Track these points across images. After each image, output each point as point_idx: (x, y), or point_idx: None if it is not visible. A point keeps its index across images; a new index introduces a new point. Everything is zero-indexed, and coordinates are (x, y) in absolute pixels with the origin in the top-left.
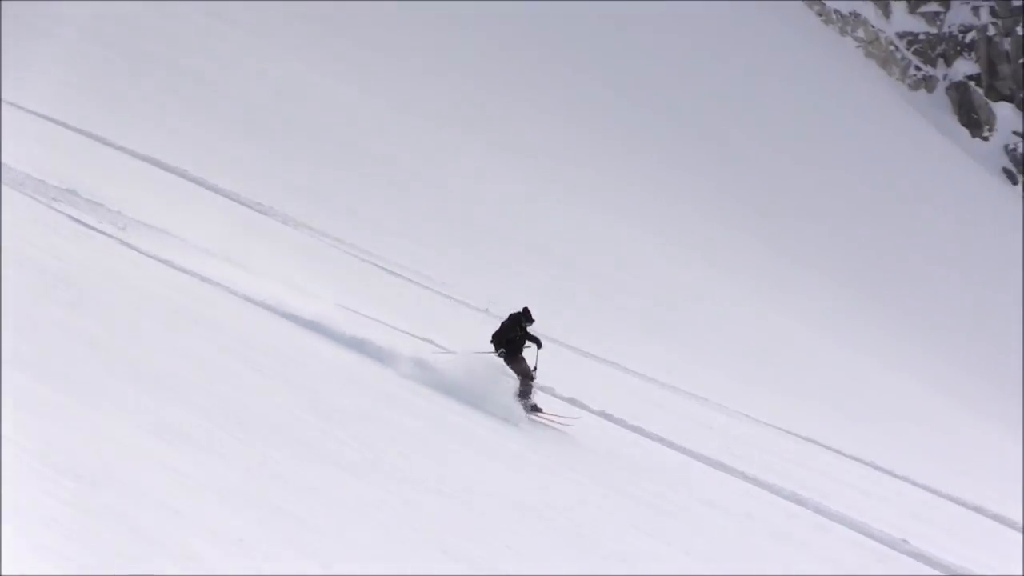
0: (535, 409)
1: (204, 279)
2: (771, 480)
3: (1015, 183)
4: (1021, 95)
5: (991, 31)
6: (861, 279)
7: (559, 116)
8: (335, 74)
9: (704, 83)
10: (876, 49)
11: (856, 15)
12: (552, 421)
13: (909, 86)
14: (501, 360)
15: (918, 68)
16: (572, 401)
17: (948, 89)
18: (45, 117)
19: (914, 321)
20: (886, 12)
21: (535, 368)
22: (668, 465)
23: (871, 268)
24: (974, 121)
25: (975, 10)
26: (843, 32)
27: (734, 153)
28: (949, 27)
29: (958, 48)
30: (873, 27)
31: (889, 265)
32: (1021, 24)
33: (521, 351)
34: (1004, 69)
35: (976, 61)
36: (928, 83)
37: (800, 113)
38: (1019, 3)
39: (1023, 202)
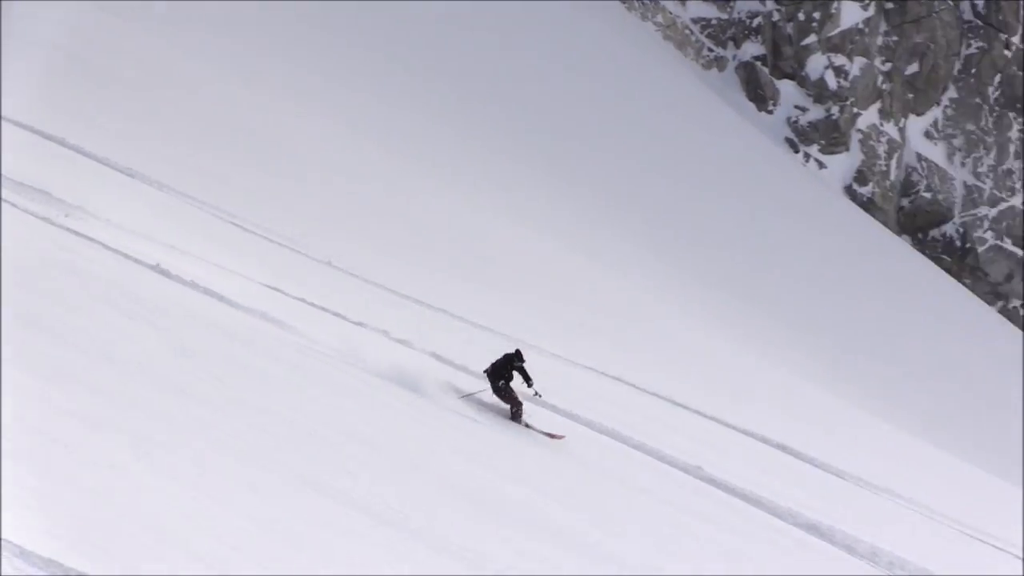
0: (527, 427)
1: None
2: (577, 412)
3: (796, 151)
4: (802, 73)
5: (775, 16)
6: (658, 228)
7: (399, 98)
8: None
9: (519, 67)
10: (673, 33)
11: (656, 2)
12: (540, 432)
13: (703, 66)
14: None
15: (710, 50)
16: (386, 333)
17: (737, 68)
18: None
19: (701, 265)
20: (682, 1)
21: (536, 394)
22: None
23: (666, 218)
24: (760, 96)
25: (763, 0)
26: (644, 18)
27: (548, 126)
28: (738, 13)
29: (746, 32)
30: (671, 13)
31: (683, 219)
32: (802, 10)
33: (510, 384)
34: (787, 50)
35: (762, 43)
36: (719, 63)
37: (608, 90)
38: None
39: (803, 164)
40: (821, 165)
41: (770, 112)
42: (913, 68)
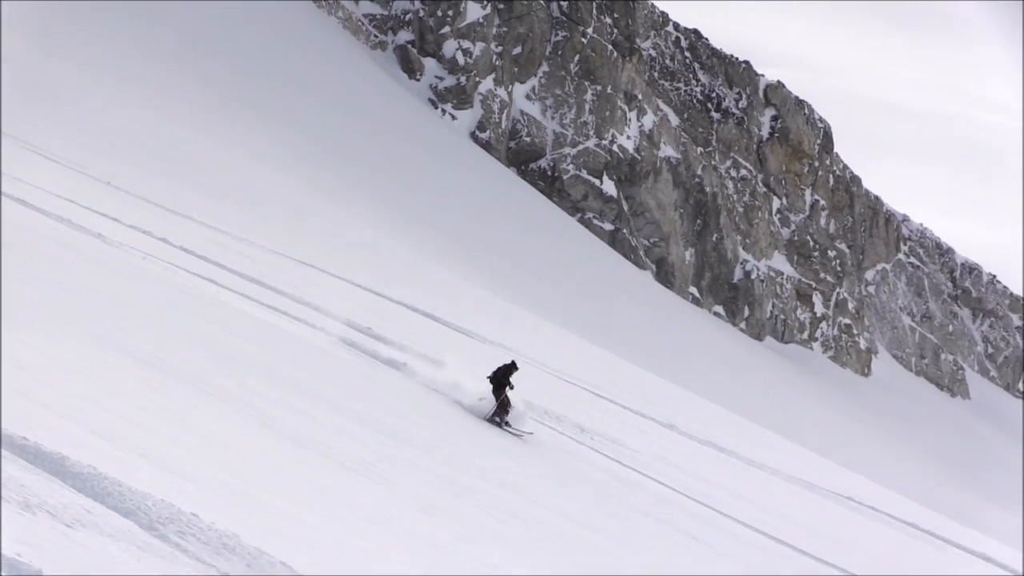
0: (506, 424)
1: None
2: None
3: (436, 108)
4: (440, 53)
5: (421, 13)
6: (340, 156)
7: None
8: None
9: (245, 47)
10: (350, 24)
11: (337, 2)
12: (512, 432)
13: (371, 47)
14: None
15: (376, 36)
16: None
17: (395, 50)
18: None
19: (367, 181)
20: (356, 0)
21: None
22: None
23: (344, 148)
24: (411, 69)
25: (412, 0)
26: (329, 13)
27: (267, 87)
28: (395, 10)
29: (400, 24)
30: (348, 10)
31: (355, 148)
32: (439, 9)
33: (504, 389)
34: (429, 37)
35: (412, 32)
36: (382, 46)
37: (308, 62)
38: None
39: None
40: (453, 118)
41: (418, 80)
42: (517, 50)
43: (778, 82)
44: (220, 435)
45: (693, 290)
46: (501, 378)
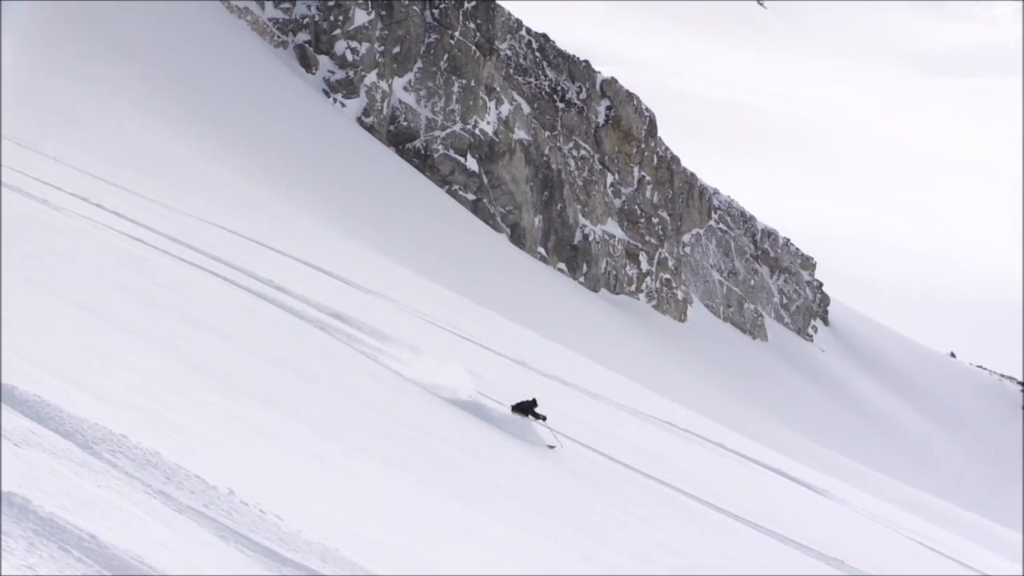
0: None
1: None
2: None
3: (329, 97)
4: (333, 51)
5: (317, 17)
6: (245, 140)
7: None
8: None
9: (168, 41)
10: (257, 26)
11: (246, 9)
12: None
13: (275, 46)
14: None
15: (279, 36)
16: None
17: (295, 48)
18: None
19: (256, 158)
20: (262, 5)
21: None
22: None
23: (247, 131)
24: (308, 65)
25: (309, 7)
26: (240, 16)
27: (185, 79)
28: (295, 15)
29: (300, 26)
30: (255, 14)
31: (258, 131)
32: (331, 14)
33: (527, 415)
34: (324, 37)
35: (309, 33)
36: (284, 45)
37: (220, 58)
38: (332, 3)
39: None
40: (343, 106)
41: (313, 74)
42: (396, 49)
43: (612, 78)
44: (145, 369)
45: (541, 250)
46: (524, 407)
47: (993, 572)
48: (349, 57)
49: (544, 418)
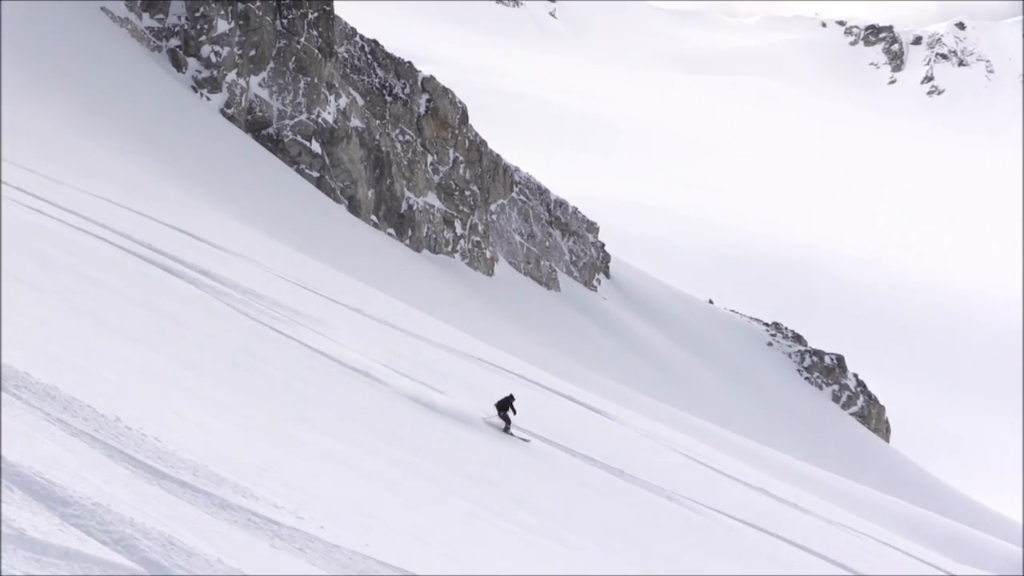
0: (508, 433)
1: None
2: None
3: (196, 92)
4: (199, 54)
5: (187, 26)
6: (127, 126)
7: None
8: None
9: (56, 42)
10: (136, 35)
11: (127, 19)
12: (516, 436)
13: (151, 51)
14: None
15: (154, 42)
16: None
17: (167, 52)
18: None
19: (133, 145)
20: (140, 16)
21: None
22: None
23: (128, 118)
24: (179, 65)
25: (179, 17)
26: (122, 26)
27: (73, 79)
28: (168, 24)
29: (171, 33)
30: (134, 23)
31: (136, 122)
32: (198, 24)
33: (507, 410)
34: (192, 43)
35: (180, 39)
36: (159, 49)
37: (103, 62)
38: (198, 14)
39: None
40: (208, 99)
41: (183, 73)
42: (252, 53)
43: (431, 76)
44: (45, 318)
45: (373, 218)
46: (505, 404)
47: (723, 467)
48: (213, 59)
49: (512, 411)
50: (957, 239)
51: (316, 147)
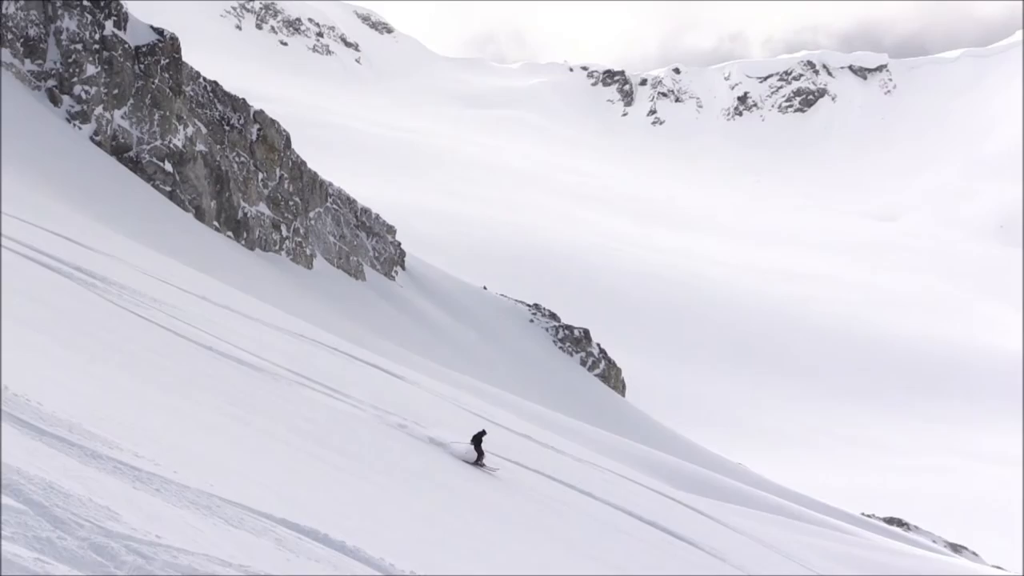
0: (481, 465)
1: None
2: None
3: (70, 122)
4: (72, 92)
5: (61, 70)
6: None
7: None
8: None
9: None
10: (20, 76)
11: (11, 64)
12: (487, 471)
13: (32, 89)
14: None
15: (35, 82)
16: None
17: (46, 91)
18: None
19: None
20: (23, 61)
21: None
22: None
23: (10, 148)
24: (55, 101)
25: (55, 63)
26: (7, 69)
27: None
28: (45, 68)
29: (49, 75)
30: (18, 67)
31: (17, 150)
32: (71, 68)
33: (480, 445)
34: (66, 83)
35: (55, 80)
36: (39, 88)
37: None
38: (71, 60)
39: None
40: (80, 128)
41: (59, 108)
42: (116, 91)
43: (261, 109)
44: None
45: (216, 224)
46: (478, 439)
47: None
48: (83, 96)
49: (481, 449)
50: (673, 238)
51: (168, 167)
